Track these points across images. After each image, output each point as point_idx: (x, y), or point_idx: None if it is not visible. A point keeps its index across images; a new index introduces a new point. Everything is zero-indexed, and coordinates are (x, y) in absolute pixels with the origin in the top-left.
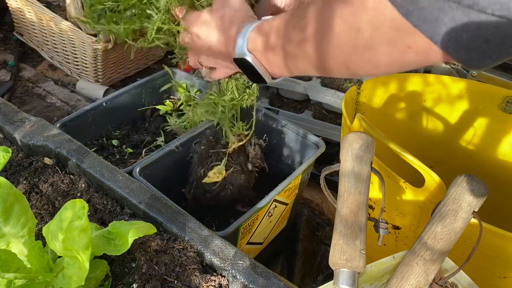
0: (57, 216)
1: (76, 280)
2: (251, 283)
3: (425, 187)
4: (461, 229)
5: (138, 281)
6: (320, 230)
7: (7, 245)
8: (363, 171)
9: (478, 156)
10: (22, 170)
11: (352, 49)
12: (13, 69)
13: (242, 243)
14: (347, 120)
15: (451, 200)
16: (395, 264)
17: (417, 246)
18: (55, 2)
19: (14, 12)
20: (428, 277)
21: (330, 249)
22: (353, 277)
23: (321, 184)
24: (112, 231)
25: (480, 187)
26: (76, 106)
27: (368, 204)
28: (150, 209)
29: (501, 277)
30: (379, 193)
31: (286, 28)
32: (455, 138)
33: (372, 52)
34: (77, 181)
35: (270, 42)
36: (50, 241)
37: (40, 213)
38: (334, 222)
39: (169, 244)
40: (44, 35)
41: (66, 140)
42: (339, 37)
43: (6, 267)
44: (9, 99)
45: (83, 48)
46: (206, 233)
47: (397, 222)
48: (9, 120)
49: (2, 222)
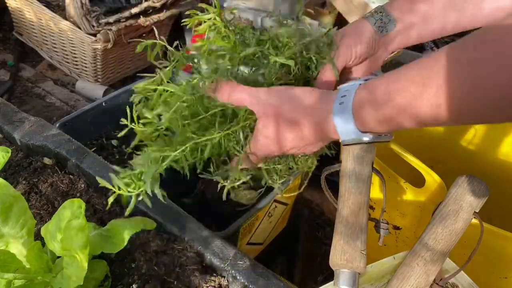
0: (56, 216)
1: (75, 280)
2: (251, 283)
3: (425, 188)
4: (462, 229)
5: (138, 282)
6: (320, 230)
7: (6, 245)
8: (364, 171)
9: (479, 157)
10: (21, 170)
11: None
12: (13, 69)
13: (242, 244)
14: None
15: (452, 200)
16: (395, 264)
17: (417, 247)
18: (55, 2)
19: (13, 11)
20: (428, 277)
21: (331, 250)
22: (353, 277)
23: (322, 184)
24: (110, 229)
25: (481, 188)
26: (76, 106)
27: (369, 204)
28: (150, 209)
29: (501, 278)
30: (379, 193)
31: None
32: (455, 138)
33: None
34: (77, 181)
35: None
36: (48, 241)
37: (40, 213)
38: (335, 223)
39: (169, 244)
40: (43, 35)
41: (66, 140)
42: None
43: (5, 267)
44: (9, 99)
45: (82, 47)
46: (206, 233)
47: (397, 222)
48: (8, 120)
49: (1, 222)
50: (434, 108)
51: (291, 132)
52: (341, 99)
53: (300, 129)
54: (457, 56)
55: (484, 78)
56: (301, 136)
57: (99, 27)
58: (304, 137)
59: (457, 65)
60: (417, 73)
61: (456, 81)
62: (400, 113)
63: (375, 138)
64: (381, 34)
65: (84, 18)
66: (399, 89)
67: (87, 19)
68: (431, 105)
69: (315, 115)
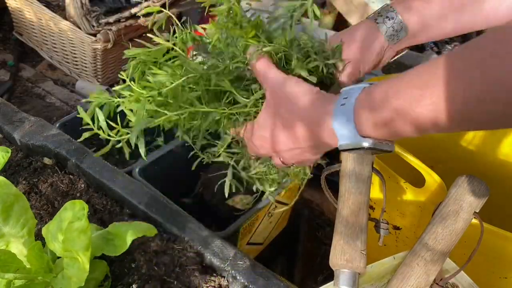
0: (57, 217)
1: (76, 281)
2: (251, 283)
3: (425, 188)
4: (462, 229)
5: (138, 282)
6: (320, 230)
7: (7, 245)
8: (364, 171)
9: (479, 157)
10: (21, 170)
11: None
12: (12, 69)
13: (242, 244)
14: None
15: (452, 200)
16: (395, 264)
17: (417, 247)
18: (55, 2)
19: (13, 11)
20: (428, 277)
21: (331, 250)
22: (353, 277)
23: (322, 184)
24: (111, 231)
25: (481, 188)
26: (76, 106)
27: (369, 204)
28: (150, 209)
29: (501, 278)
30: (379, 193)
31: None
32: (456, 139)
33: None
34: (77, 181)
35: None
36: (49, 241)
37: (40, 213)
38: (335, 223)
39: (169, 244)
40: (43, 35)
41: (66, 140)
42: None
43: (5, 267)
44: (9, 99)
45: (82, 47)
46: (206, 233)
47: (397, 222)
48: (8, 120)
49: (2, 222)
50: (433, 113)
51: (285, 132)
52: (342, 101)
53: (294, 131)
54: (461, 59)
55: (492, 80)
56: (294, 137)
57: (99, 27)
58: (296, 139)
59: (460, 68)
60: (417, 77)
61: (459, 84)
62: (399, 117)
63: (375, 144)
64: (391, 42)
65: (84, 18)
66: (399, 92)
67: (87, 19)
68: (430, 110)
69: (313, 116)
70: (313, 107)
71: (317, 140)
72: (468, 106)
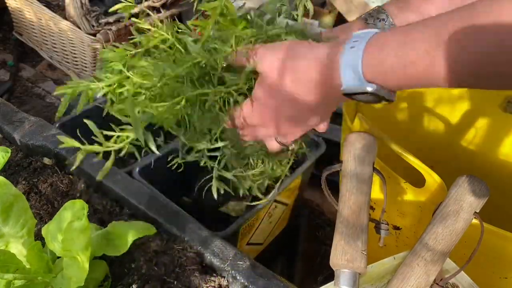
0: (57, 217)
1: (76, 281)
2: (251, 284)
3: (425, 188)
4: (462, 230)
5: (138, 282)
6: (321, 230)
7: (6, 245)
8: (365, 172)
9: (479, 157)
10: (21, 170)
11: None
12: (12, 69)
13: (242, 244)
14: (348, 120)
15: (452, 200)
16: (395, 264)
17: (418, 247)
18: (55, 2)
19: (13, 11)
20: (429, 278)
21: (331, 250)
22: (354, 277)
23: (322, 184)
24: (111, 231)
25: (481, 188)
26: (76, 106)
27: (369, 204)
28: (150, 209)
29: (501, 278)
30: (379, 193)
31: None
32: (456, 138)
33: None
34: (76, 181)
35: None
36: (49, 241)
37: (39, 213)
38: (336, 223)
39: (169, 244)
40: (43, 35)
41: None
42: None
43: (5, 267)
44: (8, 99)
45: (82, 47)
46: (206, 233)
47: (397, 222)
48: (8, 120)
49: (1, 222)
50: (444, 62)
51: (287, 91)
52: (353, 43)
53: (297, 83)
54: (468, 10)
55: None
56: (296, 93)
57: (99, 27)
58: (299, 95)
59: (468, 18)
60: (426, 27)
61: (469, 35)
62: (408, 65)
63: (378, 90)
64: None
65: (84, 18)
66: (410, 41)
67: (87, 19)
68: (442, 58)
69: (320, 57)
70: (321, 49)
71: (322, 89)
72: (477, 56)
